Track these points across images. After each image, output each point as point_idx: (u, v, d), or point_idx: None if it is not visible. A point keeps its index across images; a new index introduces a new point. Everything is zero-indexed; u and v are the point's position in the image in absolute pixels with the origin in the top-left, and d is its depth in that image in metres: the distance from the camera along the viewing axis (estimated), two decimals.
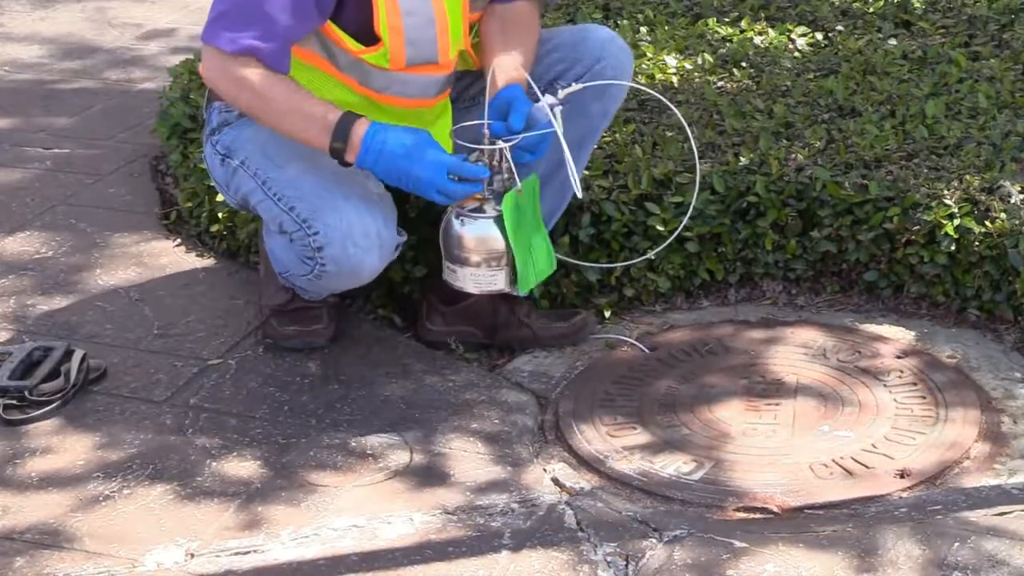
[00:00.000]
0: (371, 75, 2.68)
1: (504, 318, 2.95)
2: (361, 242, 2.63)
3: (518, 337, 2.96)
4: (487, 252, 2.64)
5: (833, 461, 2.55)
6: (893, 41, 3.86)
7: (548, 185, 2.84)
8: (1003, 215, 2.94)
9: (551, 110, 2.60)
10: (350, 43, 2.63)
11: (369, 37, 2.63)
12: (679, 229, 2.91)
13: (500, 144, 2.58)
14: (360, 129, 2.54)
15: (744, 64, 3.73)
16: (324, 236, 2.63)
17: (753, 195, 3.08)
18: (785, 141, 3.25)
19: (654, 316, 3.09)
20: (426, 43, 2.67)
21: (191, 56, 4.02)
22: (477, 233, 2.63)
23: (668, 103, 2.84)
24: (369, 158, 2.54)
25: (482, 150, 2.59)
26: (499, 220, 2.61)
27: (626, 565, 2.28)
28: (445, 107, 2.85)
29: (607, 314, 3.08)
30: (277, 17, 2.54)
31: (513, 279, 2.67)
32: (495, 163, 2.60)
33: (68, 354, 2.81)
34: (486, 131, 2.60)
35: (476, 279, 2.67)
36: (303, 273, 2.72)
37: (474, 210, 2.62)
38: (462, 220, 2.63)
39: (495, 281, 2.67)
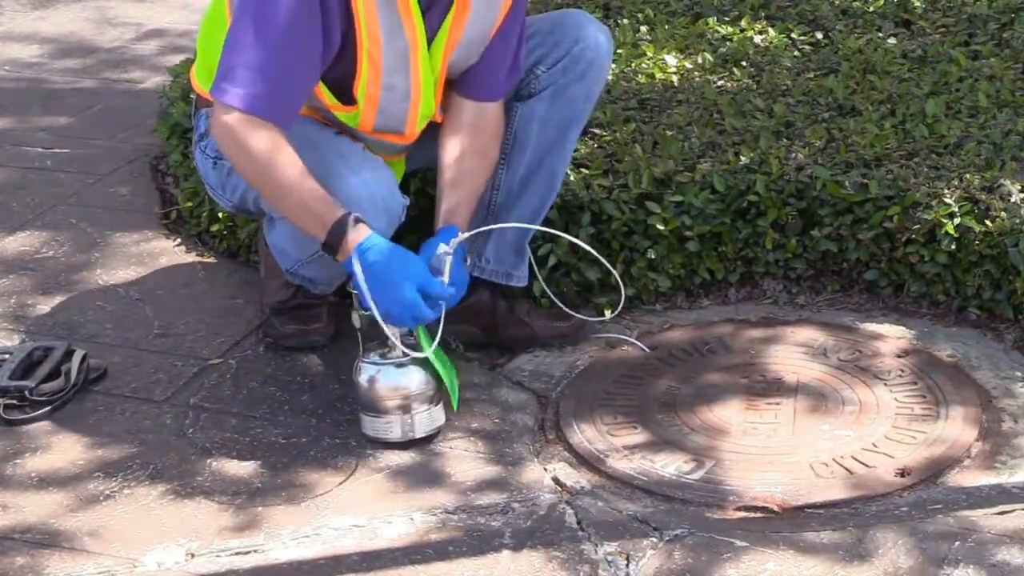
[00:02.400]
0: (338, 122, 2.69)
1: (504, 317, 2.94)
2: (369, 208, 2.59)
3: (518, 336, 2.96)
4: (422, 392, 2.62)
5: (834, 460, 2.55)
6: (893, 40, 3.86)
7: (531, 181, 2.87)
8: (1003, 214, 2.94)
9: (444, 259, 2.59)
10: (327, 96, 2.64)
11: (346, 96, 2.64)
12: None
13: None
14: (354, 238, 2.50)
15: (744, 63, 3.73)
16: None
17: (753, 194, 3.08)
18: (785, 140, 3.25)
19: (654, 315, 3.09)
20: (397, 116, 2.68)
21: (191, 56, 4.02)
22: (407, 375, 2.61)
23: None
24: (353, 267, 2.52)
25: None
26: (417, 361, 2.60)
27: (627, 564, 2.28)
28: (401, 156, 2.87)
29: (607, 313, 3.08)
30: (290, 74, 2.53)
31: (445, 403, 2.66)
32: None
33: (68, 354, 2.82)
34: None
35: (426, 421, 2.64)
36: (312, 253, 2.68)
37: (384, 356, 2.61)
38: (390, 367, 2.61)
39: (436, 418, 2.65)
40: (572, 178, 3.08)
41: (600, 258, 2.81)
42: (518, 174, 2.87)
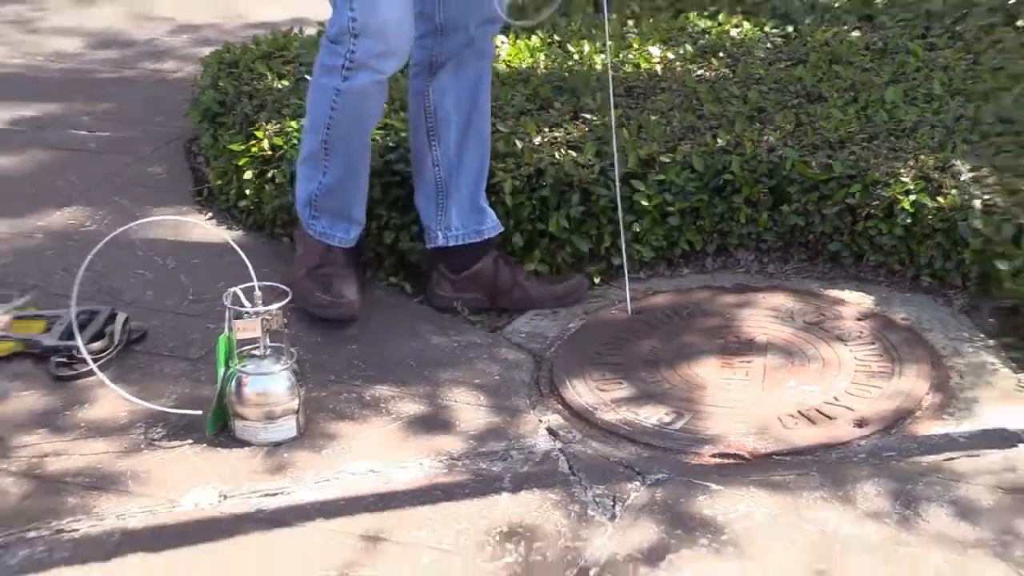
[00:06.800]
0: None
1: (505, 283, 2.97)
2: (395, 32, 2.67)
3: (518, 300, 2.99)
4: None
5: (799, 412, 2.57)
6: (856, 33, 3.88)
7: (465, 146, 2.90)
8: (954, 191, 2.96)
9: None
10: None
11: None
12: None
13: (274, 307, 2.52)
14: None
15: (721, 54, 3.75)
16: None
17: (729, 173, 3.10)
18: (758, 124, 3.27)
19: (639, 283, 3.11)
20: None
21: (220, 47, 4.04)
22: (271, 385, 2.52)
23: None
24: None
25: (258, 315, 2.51)
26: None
27: (613, 505, 2.30)
28: None
29: (597, 280, 3.10)
30: None
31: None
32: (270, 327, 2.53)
33: (112, 317, 2.84)
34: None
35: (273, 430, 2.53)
36: (341, 52, 2.67)
37: (258, 366, 2.53)
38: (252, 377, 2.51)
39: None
40: (561, 159, 3.10)
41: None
42: (451, 145, 2.90)
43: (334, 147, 2.82)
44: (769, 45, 3.84)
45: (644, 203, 3.06)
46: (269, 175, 3.31)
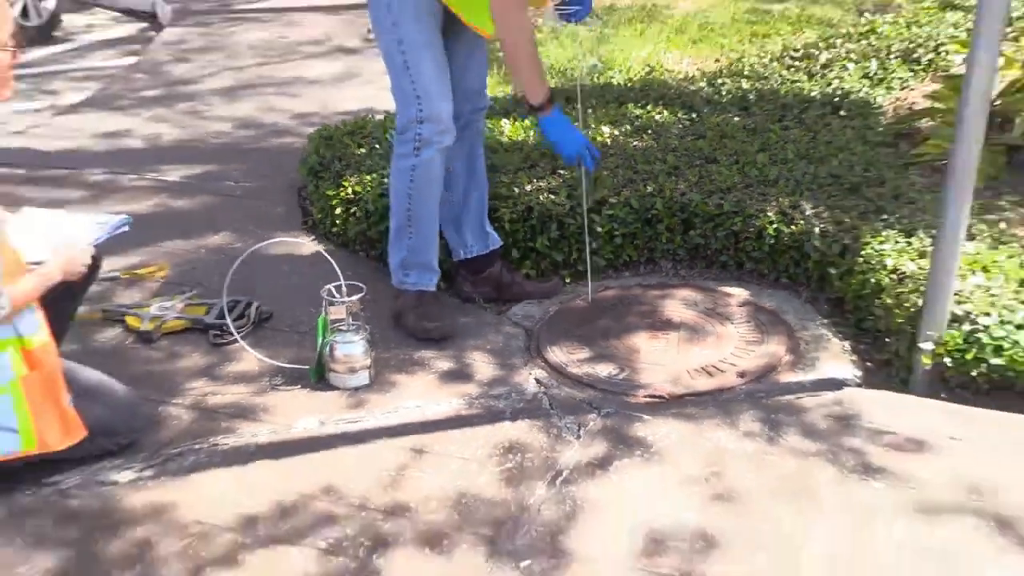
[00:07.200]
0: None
1: (507, 281, 2.94)
2: (447, 125, 2.56)
3: (516, 293, 2.95)
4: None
5: (701, 368, 2.56)
6: (737, 118, 3.85)
7: (469, 189, 2.82)
8: (802, 222, 2.94)
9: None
10: None
11: None
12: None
13: (355, 298, 2.47)
14: (549, 106, 2.53)
15: (649, 131, 3.72)
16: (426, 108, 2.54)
17: (655, 210, 3.07)
18: (674, 177, 3.24)
19: (595, 282, 3.09)
20: None
21: (320, 127, 4.01)
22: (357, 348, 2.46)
23: None
24: (546, 121, 2.53)
25: (344, 303, 2.45)
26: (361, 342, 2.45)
27: (578, 429, 2.29)
28: None
29: (568, 281, 3.07)
30: None
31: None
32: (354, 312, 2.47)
33: (249, 304, 2.82)
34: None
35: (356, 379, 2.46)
36: (410, 138, 2.56)
37: (344, 337, 2.45)
38: (347, 343, 2.44)
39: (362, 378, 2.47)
40: (544, 200, 3.07)
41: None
42: (460, 192, 2.84)
43: (415, 215, 2.66)
44: (680, 126, 3.81)
45: (599, 229, 3.04)
46: (352, 211, 3.27)
